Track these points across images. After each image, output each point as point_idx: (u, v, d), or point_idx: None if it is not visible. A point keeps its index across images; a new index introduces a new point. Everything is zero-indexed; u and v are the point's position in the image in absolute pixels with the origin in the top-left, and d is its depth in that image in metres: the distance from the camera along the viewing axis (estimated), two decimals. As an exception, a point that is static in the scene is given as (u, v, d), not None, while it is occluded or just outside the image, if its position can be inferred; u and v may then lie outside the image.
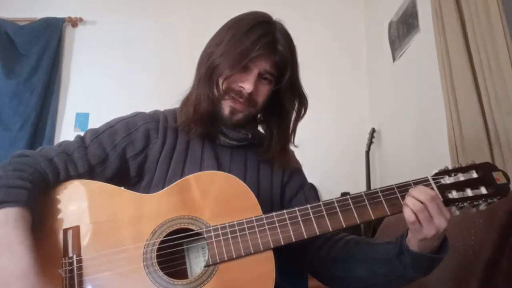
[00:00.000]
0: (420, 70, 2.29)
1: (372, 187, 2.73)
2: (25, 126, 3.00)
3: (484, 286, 0.96)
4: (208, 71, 0.94)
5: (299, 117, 1.03)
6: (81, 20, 3.28)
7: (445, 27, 1.82)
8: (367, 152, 2.83)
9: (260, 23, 0.93)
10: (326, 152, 3.00)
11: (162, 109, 1.07)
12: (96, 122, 1.01)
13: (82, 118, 3.14)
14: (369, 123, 3.03)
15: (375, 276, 0.87)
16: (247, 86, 0.92)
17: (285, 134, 1.02)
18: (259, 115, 1.05)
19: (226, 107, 0.95)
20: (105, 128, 0.95)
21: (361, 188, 2.76)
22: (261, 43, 0.90)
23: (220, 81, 0.93)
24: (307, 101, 1.03)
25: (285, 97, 0.99)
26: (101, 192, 0.84)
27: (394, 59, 2.68)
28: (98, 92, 3.16)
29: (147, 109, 1.06)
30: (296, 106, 1.02)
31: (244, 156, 1.02)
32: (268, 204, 0.99)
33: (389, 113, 2.80)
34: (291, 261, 0.98)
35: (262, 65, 0.93)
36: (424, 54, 2.22)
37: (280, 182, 1.04)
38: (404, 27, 2.51)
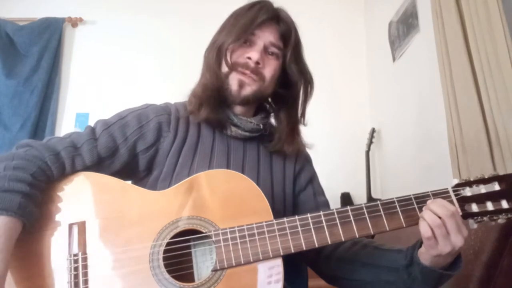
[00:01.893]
0: (420, 70, 2.30)
1: (372, 187, 2.73)
2: (25, 126, 2.99)
3: (484, 286, 0.97)
4: (214, 52, 0.97)
5: (307, 97, 1.05)
6: (81, 20, 3.27)
7: (445, 27, 1.82)
8: (367, 152, 2.83)
9: (259, 2, 0.99)
10: (326, 152, 3.00)
11: None
12: (96, 122, 1.00)
13: (82, 118, 3.13)
14: (369, 123, 3.03)
15: (379, 283, 0.86)
16: (253, 54, 0.94)
17: (294, 116, 1.04)
18: (269, 99, 1.06)
19: (234, 81, 0.95)
20: (116, 119, 0.92)
21: (361, 188, 2.77)
22: (263, 11, 0.96)
23: (228, 56, 0.95)
24: (312, 78, 1.05)
25: (291, 71, 1.01)
26: (108, 187, 0.81)
27: (394, 59, 2.68)
28: (98, 92, 3.15)
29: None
30: (302, 84, 1.03)
31: (257, 149, 1.01)
32: (281, 198, 0.99)
33: (389, 113, 2.80)
34: (294, 255, 0.98)
35: (266, 37, 0.97)
36: (424, 54, 2.22)
37: (292, 173, 1.04)
38: (404, 27, 2.51)
